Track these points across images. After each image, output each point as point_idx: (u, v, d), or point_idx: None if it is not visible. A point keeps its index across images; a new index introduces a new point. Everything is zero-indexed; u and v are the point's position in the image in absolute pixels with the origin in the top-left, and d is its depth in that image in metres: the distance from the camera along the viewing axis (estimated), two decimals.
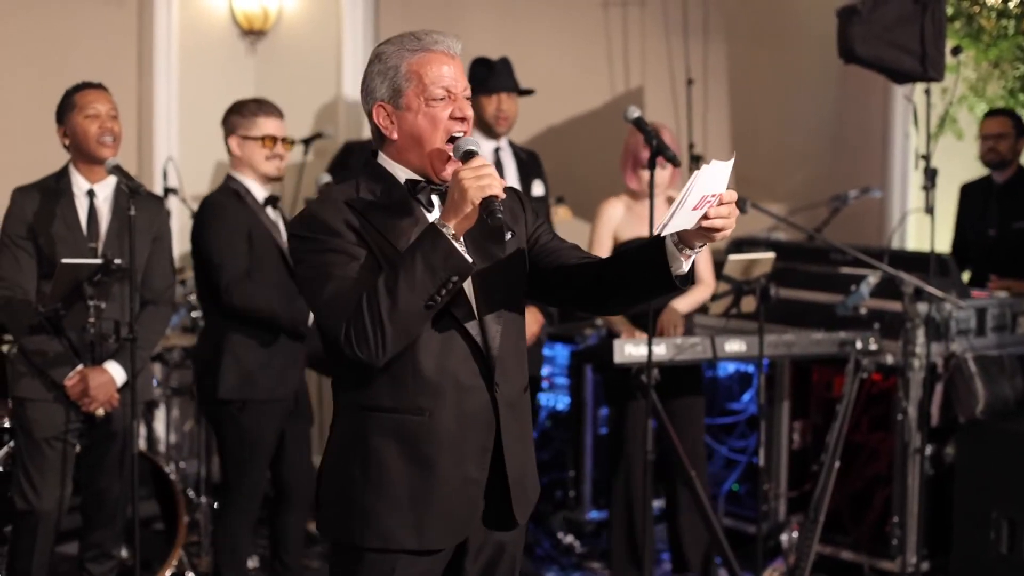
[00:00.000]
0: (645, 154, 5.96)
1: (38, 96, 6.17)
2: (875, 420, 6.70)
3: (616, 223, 6.39)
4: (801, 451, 7.05)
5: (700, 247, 3.35)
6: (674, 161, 5.43)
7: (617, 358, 5.89)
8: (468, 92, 3.48)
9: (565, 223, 7.66)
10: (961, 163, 8.29)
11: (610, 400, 6.61)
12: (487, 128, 6.77)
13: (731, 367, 7.36)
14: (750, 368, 7.26)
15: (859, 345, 6.31)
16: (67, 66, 6.96)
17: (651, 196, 5.43)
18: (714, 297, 6.03)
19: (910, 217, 8.09)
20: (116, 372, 5.47)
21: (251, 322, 5.71)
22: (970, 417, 6.43)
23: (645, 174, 5.90)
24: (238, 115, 5.84)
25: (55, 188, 5.53)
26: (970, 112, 8.37)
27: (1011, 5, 8.06)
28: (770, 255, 6.04)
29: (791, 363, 6.99)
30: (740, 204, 6.25)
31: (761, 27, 9.13)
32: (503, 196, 3.27)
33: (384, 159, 3.52)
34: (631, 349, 5.88)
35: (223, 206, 5.78)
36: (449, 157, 3.42)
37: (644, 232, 6.10)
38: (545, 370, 7.63)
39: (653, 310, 6.15)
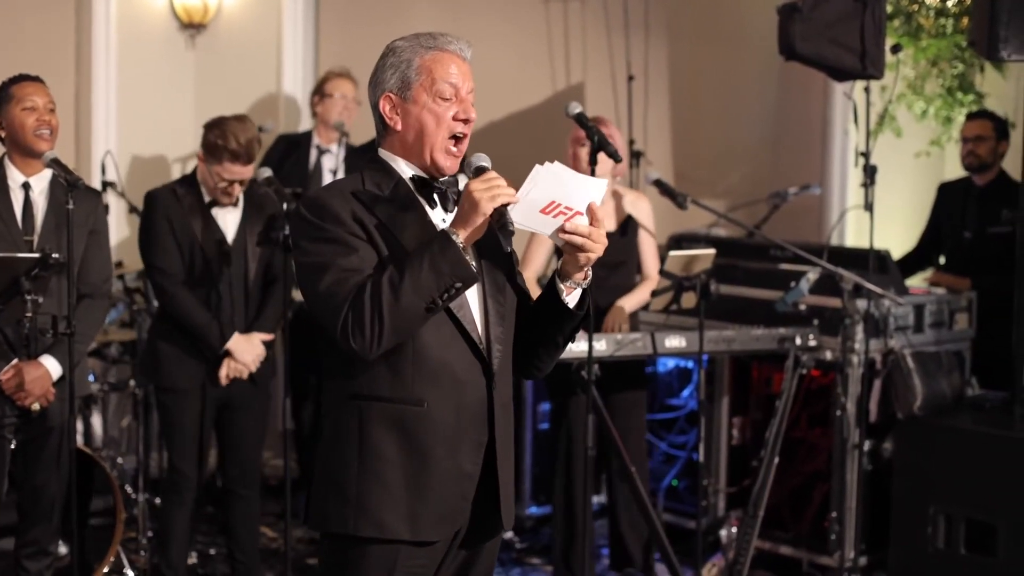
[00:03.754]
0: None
1: None
2: (814, 416, 6.73)
3: None
4: (741, 447, 7.07)
5: (583, 280, 3.54)
6: (615, 157, 5.43)
7: None
8: (472, 96, 3.58)
9: None
10: (899, 160, 8.34)
11: (552, 395, 6.61)
12: None
13: (671, 363, 7.38)
14: (690, 364, 7.28)
15: (798, 341, 6.34)
16: (4, 58, 6.87)
17: None
18: (654, 293, 6.03)
19: (849, 214, 8.12)
20: (52, 366, 5.42)
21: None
22: (908, 413, 6.47)
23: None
24: (211, 144, 5.82)
25: None
26: (908, 110, 8.42)
27: (949, 4, 8.11)
28: (710, 251, 6.05)
29: (731, 359, 7.01)
30: (680, 200, 6.31)
31: (702, 24, 9.15)
32: (516, 202, 3.34)
33: (386, 153, 3.59)
34: (571, 344, 5.87)
35: (158, 204, 5.87)
36: (449, 152, 3.52)
37: None
38: None
39: (597, 308, 6.16)
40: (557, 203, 3.30)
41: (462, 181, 3.50)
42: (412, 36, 3.58)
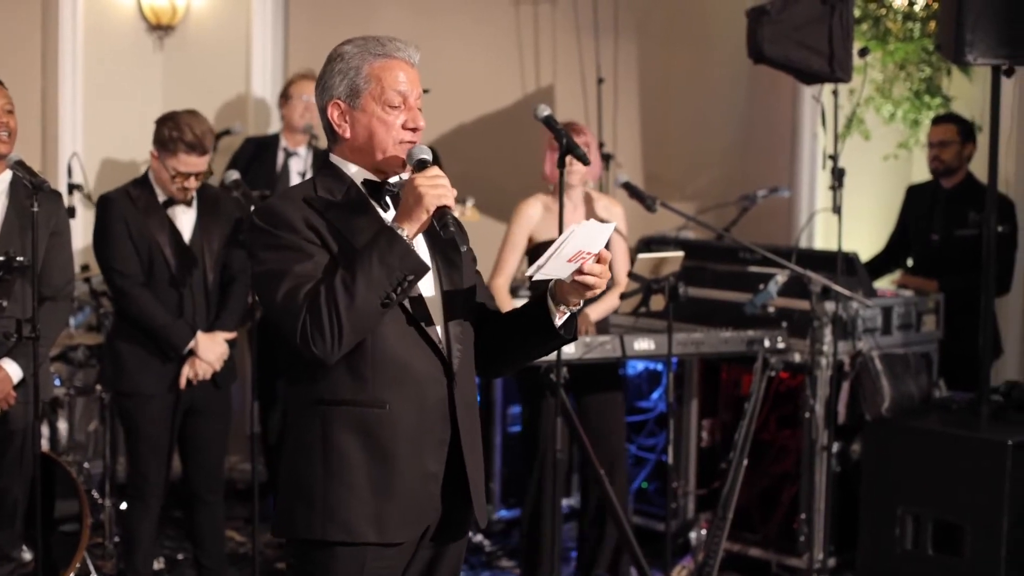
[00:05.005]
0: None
1: None
2: (783, 418, 6.75)
3: (534, 223, 6.39)
4: (710, 449, 7.08)
5: (575, 305, 3.53)
6: (583, 160, 5.41)
7: None
8: (420, 103, 3.56)
9: (474, 224, 7.63)
10: (867, 163, 8.35)
11: (522, 398, 6.60)
12: None
13: (640, 365, 7.38)
14: (659, 366, 7.29)
15: (767, 344, 6.35)
16: None
17: (560, 195, 5.41)
18: (623, 296, 6.03)
19: (818, 217, 8.13)
20: (12, 370, 5.38)
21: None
22: (876, 415, 6.49)
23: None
24: (165, 137, 5.79)
25: None
26: (876, 113, 8.44)
27: (916, 8, 8.13)
28: (679, 254, 6.05)
29: (700, 361, 7.02)
30: (649, 203, 6.31)
31: (671, 26, 9.15)
32: (454, 209, 3.36)
33: (337, 159, 3.58)
34: None
35: (114, 207, 5.85)
36: (401, 163, 3.50)
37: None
38: None
39: None
40: (581, 251, 3.35)
41: None
42: (360, 40, 3.58)
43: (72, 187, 7.16)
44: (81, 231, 7.28)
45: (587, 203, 6.45)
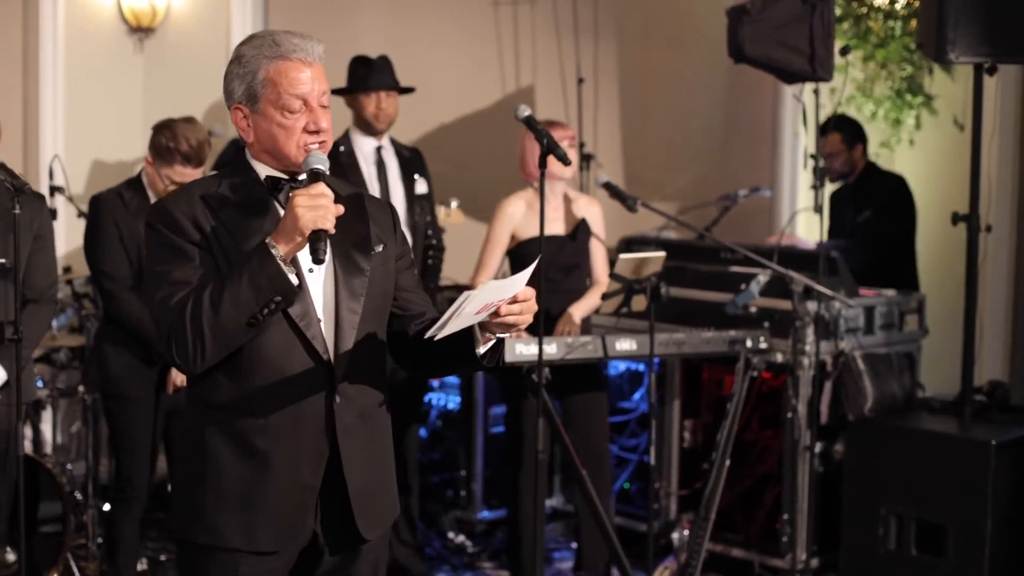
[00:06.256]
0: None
1: None
2: (765, 418, 6.75)
3: (516, 222, 6.39)
4: (692, 449, 7.08)
5: (500, 334, 3.41)
6: (564, 160, 5.41)
7: (508, 357, 5.86)
8: (326, 99, 3.44)
9: (457, 225, 7.63)
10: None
11: (505, 398, 6.59)
12: (367, 126, 6.72)
13: (622, 366, 7.38)
14: (641, 367, 7.29)
15: (749, 344, 6.35)
16: None
17: (542, 196, 5.41)
18: (605, 296, 6.02)
19: (799, 216, 8.15)
20: None
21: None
22: (859, 415, 6.50)
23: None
24: (162, 147, 5.78)
25: None
26: (858, 112, 8.45)
27: (898, 7, 8.15)
28: (660, 254, 6.05)
29: (682, 362, 7.02)
30: (630, 203, 6.31)
31: (651, 26, 9.16)
32: (332, 232, 3.24)
33: (247, 156, 3.51)
34: (522, 348, 5.86)
35: (105, 208, 5.84)
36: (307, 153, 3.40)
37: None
38: None
39: (548, 314, 6.15)
40: (490, 303, 3.24)
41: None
42: (258, 40, 3.46)
43: (54, 189, 7.14)
44: (63, 233, 7.26)
45: (566, 202, 6.46)
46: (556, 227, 6.38)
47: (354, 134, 6.74)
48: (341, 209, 3.28)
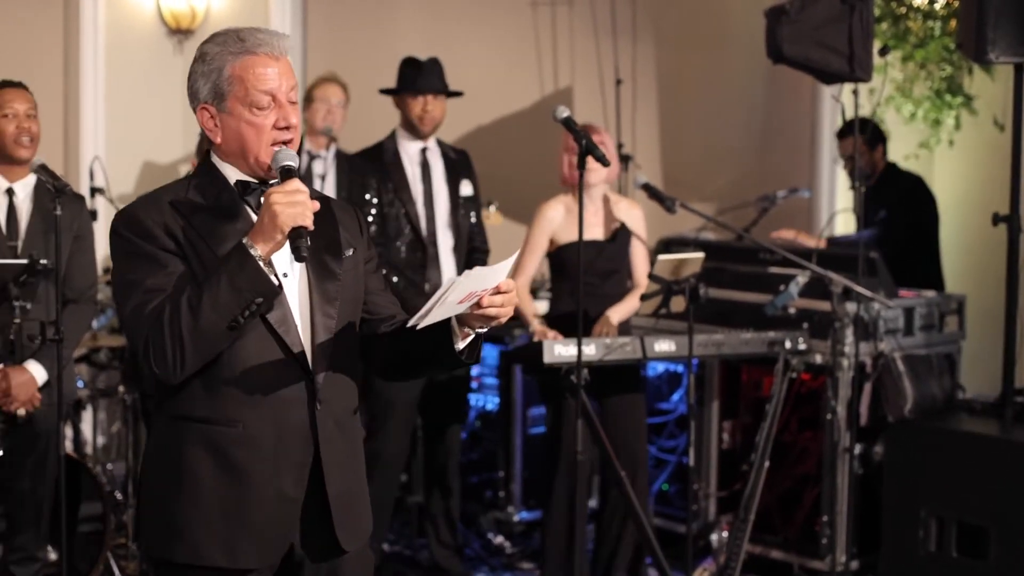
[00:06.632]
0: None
1: None
2: (804, 420, 6.73)
3: (555, 225, 6.38)
4: (731, 451, 7.07)
5: (480, 328, 3.34)
6: (603, 161, 5.41)
7: (547, 358, 5.87)
8: (294, 95, 3.36)
9: (496, 227, 7.64)
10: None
11: (546, 400, 6.59)
12: (412, 128, 6.72)
13: (661, 367, 7.37)
14: (680, 368, 7.28)
15: (788, 345, 6.33)
16: None
17: (580, 196, 5.41)
18: (643, 297, 6.01)
19: (838, 217, 8.12)
20: (36, 371, 5.42)
21: None
22: (898, 416, 6.47)
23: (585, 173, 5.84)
24: None
25: None
26: (897, 113, 8.42)
27: (937, 7, 8.12)
28: (699, 255, 6.04)
29: (720, 363, 7.01)
30: (669, 204, 6.30)
31: (689, 27, 9.14)
32: (311, 228, 3.17)
33: (215, 158, 3.41)
34: (561, 349, 5.87)
35: None
36: (270, 168, 3.31)
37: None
38: (474, 370, 7.62)
39: (587, 316, 6.14)
40: (473, 293, 3.18)
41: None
42: (221, 37, 3.38)
43: (94, 190, 7.18)
44: (104, 234, 7.27)
45: (606, 205, 6.45)
46: (595, 231, 6.37)
47: (400, 135, 6.75)
48: (317, 205, 3.21)
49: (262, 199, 3.28)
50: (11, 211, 5.50)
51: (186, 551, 3.31)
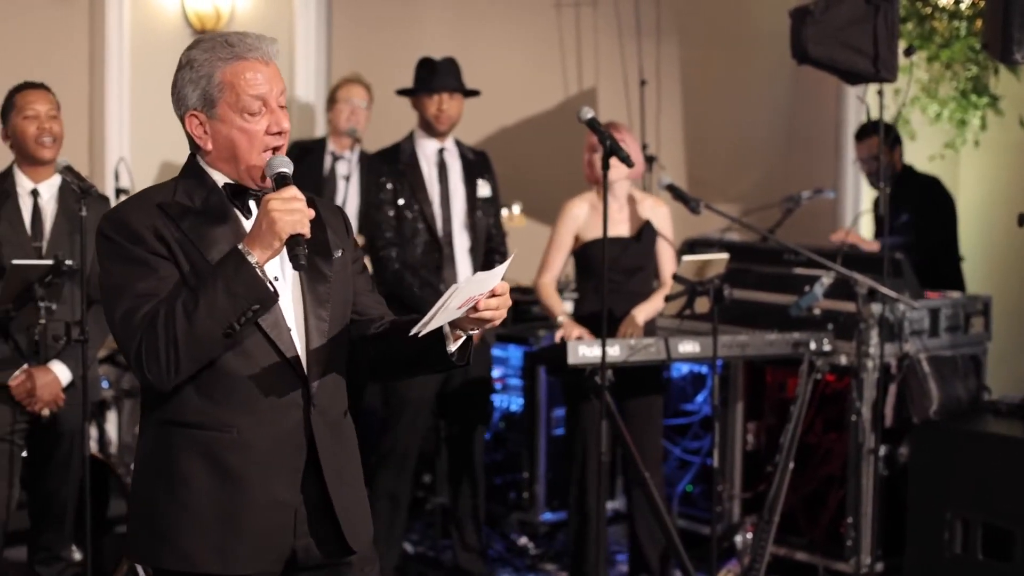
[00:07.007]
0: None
1: None
2: (829, 421, 6.71)
3: (580, 223, 6.38)
4: (755, 452, 7.05)
5: (473, 330, 3.30)
6: (627, 162, 5.41)
7: (571, 359, 5.87)
8: (283, 99, 3.35)
9: (521, 228, 7.64)
10: (914, 164, 8.32)
11: (566, 401, 6.59)
12: (429, 128, 6.72)
13: (685, 368, 7.36)
14: (704, 369, 7.27)
15: (813, 346, 6.32)
16: (18, 66, 6.88)
17: (604, 197, 5.41)
18: (668, 298, 6.01)
19: (863, 218, 8.11)
20: (61, 372, 5.44)
21: None
22: (924, 418, 6.45)
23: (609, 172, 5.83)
24: None
25: None
26: (922, 113, 8.40)
27: (963, 7, 8.10)
28: (723, 256, 6.03)
29: (745, 364, 6.99)
30: (693, 205, 6.29)
31: (714, 28, 9.14)
32: (308, 236, 3.15)
33: (201, 161, 3.38)
34: (585, 350, 5.86)
35: None
36: (263, 176, 3.28)
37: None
38: (498, 371, 7.62)
39: (612, 315, 6.14)
40: (472, 297, 3.16)
41: None
42: (208, 44, 3.31)
43: (119, 191, 7.20)
44: None
45: (631, 203, 6.44)
46: (620, 229, 6.37)
47: (418, 135, 6.75)
48: (313, 213, 3.19)
49: (253, 204, 3.30)
50: (36, 212, 5.52)
51: (178, 559, 3.27)
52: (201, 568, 3.26)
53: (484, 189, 6.81)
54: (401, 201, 6.59)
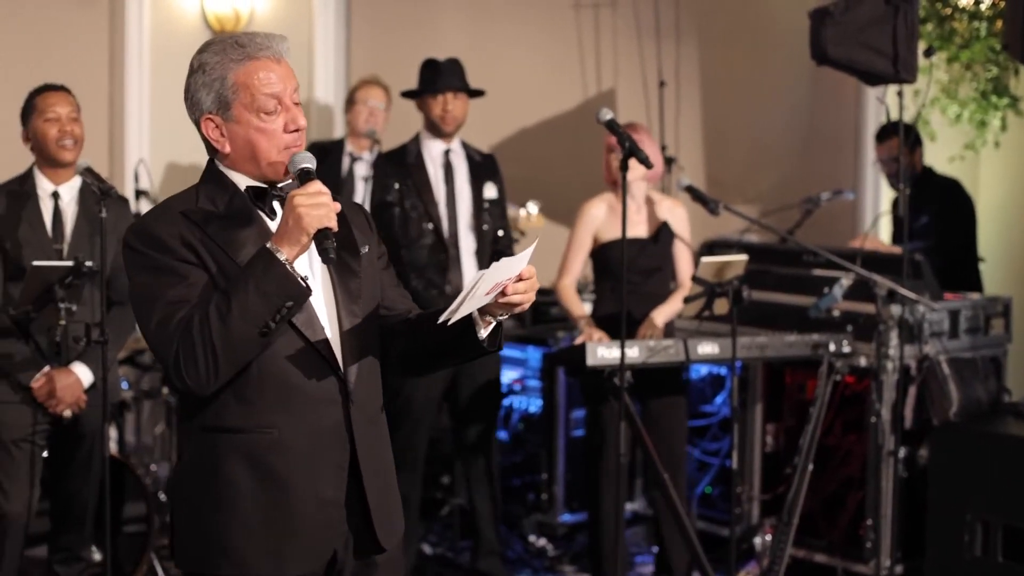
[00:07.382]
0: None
1: (8, 99, 6.13)
2: (848, 422, 6.70)
3: (598, 224, 6.39)
4: (774, 454, 7.04)
5: (502, 316, 3.30)
6: (646, 163, 5.40)
7: (590, 361, 5.87)
8: (297, 96, 3.33)
9: (538, 229, 7.63)
10: (933, 165, 8.31)
11: (586, 402, 6.59)
12: (435, 129, 6.73)
13: (704, 369, 7.35)
14: (723, 370, 7.26)
15: (832, 347, 6.31)
16: (38, 68, 6.91)
17: (624, 198, 5.41)
18: (687, 299, 6.00)
19: (883, 219, 8.09)
20: (83, 373, 5.45)
21: None
22: (943, 419, 6.44)
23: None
24: None
25: (19, 191, 5.53)
26: (942, 114, 8.38)
27: (983, 7, 8.08)
28: (743, 257, 6.02)
29: (764, 365, 6.98)
30: (712, 206, 6.29)
31: (733, 29, 9.13)
32: (336, 229, 3.15)
33: (221, 166, 3.38)
34: (604, 352, 5.86)
35: None
36: (286, 170, 3.28)
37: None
38: (517, 372, 7.62)
39: (631, 316, 6.13)
40: (499, 283, 3.16)
41: None
42: (219, 46, 3.30)
43: (139, 193, 7.21)
44: None
45: (649, 204, 6.45)
46: (638, 229, 6.37)
47: (424, 137, 6.76)
48: (339, 206, 3.19)
49: (276, 203, 3.30)
50: (56, 214, 5.54)
51: (231, 564, 3.26)
52: (253, 572, 3.27)
53: (491, 191, 6.82)
54: (407, 202, 6.60)
